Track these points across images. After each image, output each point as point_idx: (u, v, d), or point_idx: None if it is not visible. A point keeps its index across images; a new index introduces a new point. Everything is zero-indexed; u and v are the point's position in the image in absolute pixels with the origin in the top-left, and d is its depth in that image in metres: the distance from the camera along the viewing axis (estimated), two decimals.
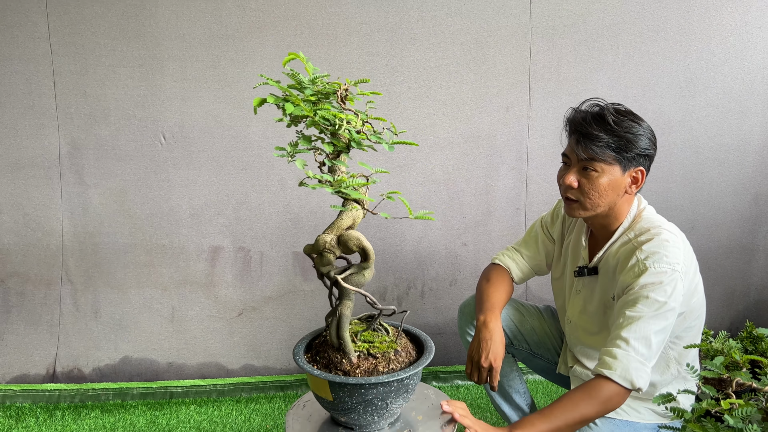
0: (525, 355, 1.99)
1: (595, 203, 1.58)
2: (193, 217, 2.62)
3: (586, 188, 1.57)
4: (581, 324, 1.77)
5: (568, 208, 1.65)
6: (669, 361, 1.67)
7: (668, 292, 1.47)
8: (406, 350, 1.45)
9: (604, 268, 1.67)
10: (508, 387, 1.94)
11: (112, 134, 2.54)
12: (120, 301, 2.65)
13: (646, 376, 1.45)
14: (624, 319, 1.48)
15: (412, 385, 1.40)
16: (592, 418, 1.45)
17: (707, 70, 2.65)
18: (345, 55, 2.55)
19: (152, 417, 2.55)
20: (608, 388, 1.44)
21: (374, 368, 1.36)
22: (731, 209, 2.77)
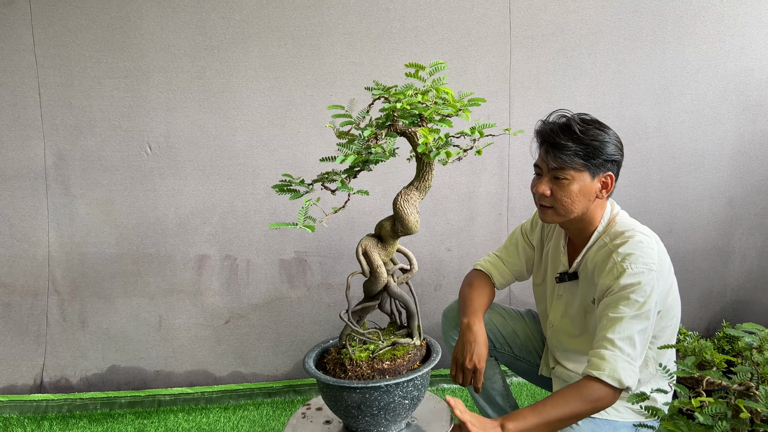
0: (507, 358, 2.03)
1: (568, 209, 1.64)
2: (179, 226, 2.64)
3: (558, 195, 1.63)
4: (563, 328, 1.82)
5: (542, 214, 1.70)
6: (648, 360, 1.72)
7: (647, 292, 1.53)
8: (412, 354, 1.46)
9: (584, 273, 1.72)
10: (491, 389, 1.98)
11: (98, 145, 2.56)
12: (107, 311, 2.66)
13: (635, 375, 1.50)
14: (607, 321, 1.54)
15: (423, 387, 1.43)
16: (582, 416, 1.49)
17: (682, 77, 2.73)
18: (329, 65, 2.59)
19: (140, 426, 2.56)
20: (598, 388, 1.48)
21: (386, 370, 1.38)
22: (707, 212, 2.84)
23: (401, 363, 1.39)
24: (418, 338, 1.46)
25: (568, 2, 2.64)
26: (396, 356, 1.40)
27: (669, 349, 1.76)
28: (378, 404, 1.35)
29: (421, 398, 1.42)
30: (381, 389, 1.34)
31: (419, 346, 1.46)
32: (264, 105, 2.59)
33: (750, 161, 2.80)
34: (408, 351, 1.42)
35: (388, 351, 1.42)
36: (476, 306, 1.78)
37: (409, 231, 1.39)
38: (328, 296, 2.75)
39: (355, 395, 1.35)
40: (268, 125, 2.61)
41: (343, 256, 2.71)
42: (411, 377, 1.35)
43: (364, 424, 1.40)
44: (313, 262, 2.71)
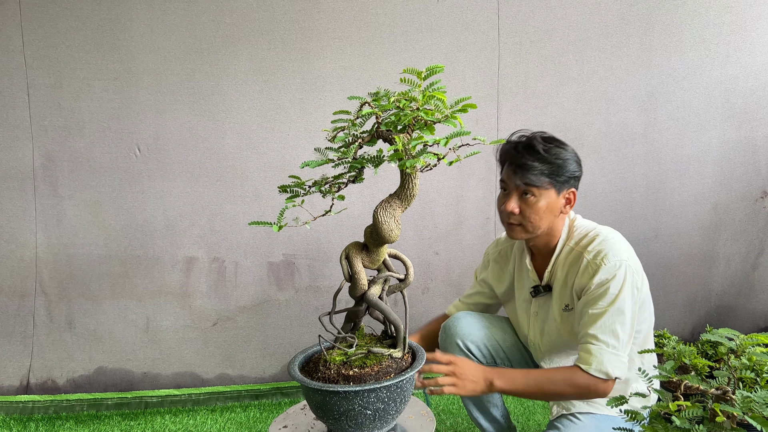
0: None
1: (536, 225, 1.68)
2: (167, 228, 2.64)
3: (526, 213, 1.67)
4: (544, 344, 1.86)
5: (510, 231, 1.74)
6: (633, 356, 1.75)
7: (622, 283, 1.58)
8: (397, 360, 1.46)
9: (556, 283, 1.77)
10: (486, 401, 1.99)
11: (87, 146, 2.56)
12: (94, 312, 2.66)
13: (621, 366, 1.56)
14: (588, 318, 1.59)
15: (408, 391, 1.42)
16: (567, 398, 1.55)
17: (668, 84, 2.76)
18: (318, 69, 2.60)
19: (127, 427, 2.56)
20: (585, 379, 1.54)
21: (369, 374, 1.38)
22: (692, 218, 2.87)
23: (368, 372, 1.38)
24: (400, 350, 1.46)
25: (556, 9, 2.66)
26: (365, 365, 1.41)
27: (649, 353, 1.78)
28: (338, 409, 1.35)
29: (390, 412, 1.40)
30: (339, 395, 1.34)
31: (399, 359, 1.45)
32: (253, 108, 2.60)
33: (734, 168, 2.84)
34: (380, 362, 1.42)
35: (360, 359, 1.43)
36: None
37: (383, 240, 1.39)
38: (315, 299, 2.76)
39: (316, 396, 1.37)
40: (258, 128, 2.62)
41: (331, 260, 2.72)
42: (368, 387, 1.34)
43: (330, 425, 1.41)
44: (302, 264, 2.72)
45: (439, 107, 1.35)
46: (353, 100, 1.35)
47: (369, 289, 1.45)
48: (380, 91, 1.40)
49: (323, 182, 1.45)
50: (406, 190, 1.40)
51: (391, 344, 1.50)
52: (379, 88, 1.42)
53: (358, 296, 1.46)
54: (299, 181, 1.46)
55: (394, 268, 1.53)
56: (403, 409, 1.45)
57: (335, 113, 1.40)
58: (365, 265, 1.46)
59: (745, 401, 1.25)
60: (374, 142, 1.39)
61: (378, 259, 1.47)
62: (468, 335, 1.92)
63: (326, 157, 1.37)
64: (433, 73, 1.38)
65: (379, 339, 1.54)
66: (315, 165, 1.35)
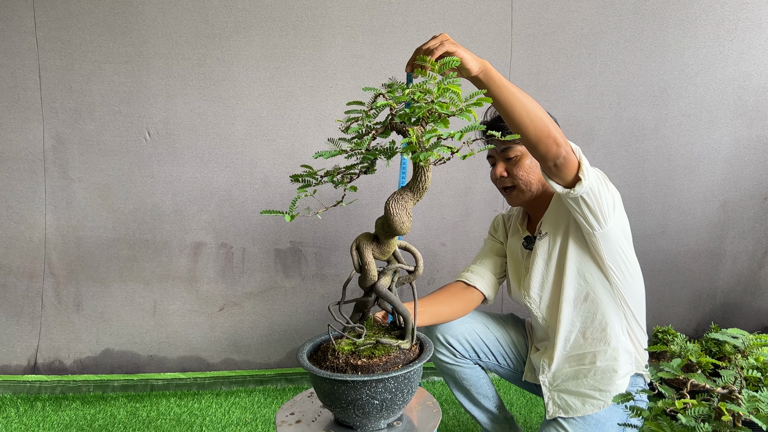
0: (492, 366, 2.05)
1: (526, 181, 1.77)
2: (176, 212, 2.65)
3: (514, 172, 1.77)
4: (545, 296, 1.84)
5: (508, 197, 1.83)
6: (633, 329, 1.79)
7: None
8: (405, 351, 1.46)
9: (547, 224, 1.80)
10: (476, 394, 1.99)
11: (97, 129, 2.56)
12: (102, 295, 2.68)
13: (590, 172, 1.56)
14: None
15: (415, 382, 1.43)
16: (534, 118, 1.50)
17: (680, 80, 2.74)
18: (330, 57, 2.59)
19: (132, 409, 2.59)
20: (560, 134, 1.52)
21: (377, 365, 1.38)
22: (700, 215, 2.86)
23: (377, 363, 1.39)
24: (408, 341, 1.46)
25: (570, 1, 2.64)
26: (374, 355, 1.41)
27: (639, 318, 1.81)
28: (345, 398, 1.36)
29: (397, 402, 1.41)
30: (347, 384, 1.35)
31: (406, 350, 1.46)
32: (264, 95, 2.60)
33: (745, 166, 2.83)
34: (388, 352, 1.43)
35: (368, 349, 1.43)
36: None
37: (394, 232, 1.39)
38: (322, 287, 2.77)
39: (324, 385, 1.37)
40: (268, 115, 2.61)
41: (339, 248, 2.73)
42: (377, 378, 1.35)
43: (337, 413, 1.43)
44: (309, 252, 2.73)
45: (453, 100, 1.34)
46: (368, 91, 1.34)
47: (379, 280, 1.46)
48: (394, 82, 1.40)
49: (335, 172, 1.45)
50: (419, 182, 1.40)
51: (399, 335, 1.51)
52: (393, 79, 1.41)
53: (367, 287, 1.47)
54: (311, 170, 1.46)
55: (403, 259, 1.53)
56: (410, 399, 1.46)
57: (349, 104, 1.40)
58: (375, 257, 1.47)
59: (751, 400, 1.25)
60: (388, 133, 1.39)
61: (388, 250, 1.48)
62: (448, 329, 1.93)
63: (339, 147, 1.37)
64: (448, 66, 1.37)
65: (388, 330, 1.55)
66: (328, 156, 1.35)
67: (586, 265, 1.76)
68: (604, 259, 1.72)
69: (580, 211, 1.64)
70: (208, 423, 2.48)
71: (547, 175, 1.61)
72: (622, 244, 1.73)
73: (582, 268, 1.76)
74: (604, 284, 1.76)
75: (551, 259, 1.80)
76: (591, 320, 1.79)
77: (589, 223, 1.65)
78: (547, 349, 1.90)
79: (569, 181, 1.59)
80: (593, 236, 1.68)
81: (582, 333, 1.81)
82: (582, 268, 1.76)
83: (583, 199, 1.60)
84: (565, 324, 1.81)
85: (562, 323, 1.81)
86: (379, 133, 1.38)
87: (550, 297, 1.84)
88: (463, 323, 1.96)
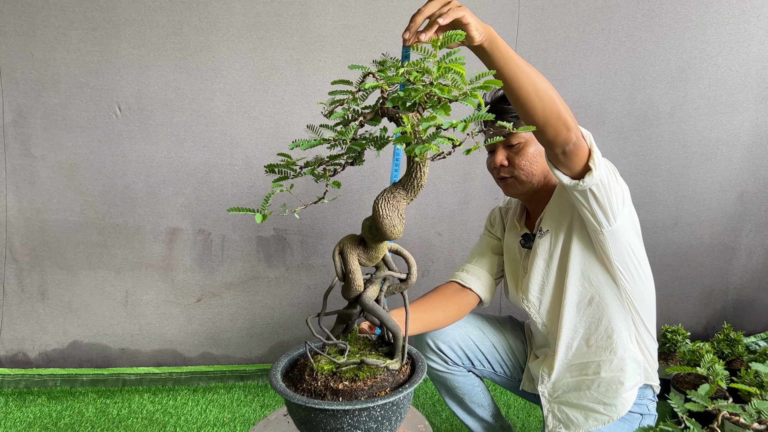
0: (487, 374, 1.89)
1: (528, 172, 1.59)
2: (149, 195, 2.44)
3: (515, 161, 1.58)
4: (550, 313, 1.67)
5: (505, 187, 1.65)
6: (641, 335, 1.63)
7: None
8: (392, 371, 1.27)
9: (548, 220, 1.63)
10: (470, 403, 1.85)
11: (62, 103, 2.34)
12: (69, 283, 2.48)
13: (602, 161, 1.39)
14: None
15: (405, 407, 1.24)
16: (542, 95, 1.31)
17: (701, 60, 2.52)
18: (318, 27, 2.36)
19: (102, 406, 2.41)
20: (570, 114, 1.33)
21: (361, 389, 1.19)
22: (716, 206, 2.67)
23: (361, 387, 1.19)
24: (398, 361, 1.26)
25: None
26: (357, 377, 1.21)
27: (648, 321, 1.66)
28: (324, 427, 1.17)
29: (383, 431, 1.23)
30: (326, 413, 1.15)
31: (396, 371, 1.25)
32: (245, 67, 2.37)
33: (765, 154, 2.62)
34: (374, 374, 1.22)
35: (351, 370, 1.23)
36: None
37: (383, 236, 1.18)
38: (308, 278, 2.57)
39: (300, 411, 1.18)
40: (250, 90, 2.39)
41: (326, 236, 2.53)
42: (360, 406, 1.15)
43: None
44: (294, 240, 2.53)
45: (456, 82, 1.12)
46: (355, 69, 1.13)
47: (365, 291, 1.25)
48: (387, 59, 1.18)
49: (317, 164, 1.23)
50: (413, 179, 1.19)
51: (387, 352, 1.31)
52: (386, 56, 1.20)
53: (352, 298, 1.27)
54: (289, 160, 1.24)
55: (394, 265, 1.33)
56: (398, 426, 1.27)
57: (334, 83, 1.18)
58: (361, 263, 1.26)
59: None
60: (378, 120, 1.17)
61: (377, 256, 1.27)
62: (439, 334, 1.77)
63: (320, 136, 1.16)
64: (452, 40, 1.15)
65: (375, 345, 1.35)
66: (306, 146, 1.14)
67: (591, 265, 1.58)
68: (611, 259, 1.54)
69: (587, 205, 1.45)
70: (183, 423, 2.30)
71: (553, 163, 1.43)
72: (632, 242, 1.55)
73: (587, 269, 1.59)
74: (611, 287, 1.59)
75: (552, 260, 1.63)
76: (596, 326, 1.62)
77: (596, 219, 1.46)
78: (547, 357, 1.74)
79: (577, 172, 1.40)
80: (600, 234, 1.50)
81: (585, 340, 1.64)
82: (587, 269, 1.59)
83: (592, 191, 1.41)
84: (566, 330, 1.64)
85: (564, 329, 1.64)
86: (368, 120, 1.17)
87: (550, 301, 1.67)
88: (456, 328, 1.79)
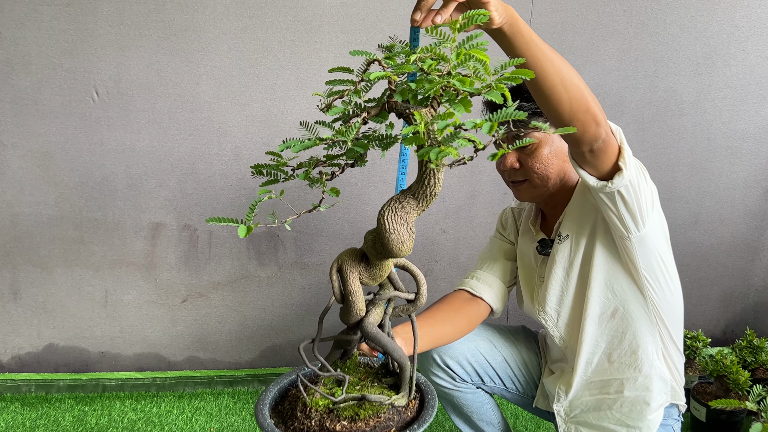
0: (498, 390, 1.73)
1: (543, 176, 1.43)
2: (130, 188, 2.25)
3: (529, 163, 1.43)
4: (569, 326, 1.52)
5: (517, 191, 1.50)
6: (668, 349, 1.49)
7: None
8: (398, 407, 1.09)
9: (567, 225, 1.48)
10: (479, 421, 1.71)
11: (34, 86, 2.14)
12: (44, 282, 2.30)
13: (633, 161, 1.26)
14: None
15: None
16: (567, 82, 1.14)
17: (729, 45, 2.33)
18: (315, 6, 2.15)
19: (80, 413, 2.25)
20: (598, 106, 1.19)
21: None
22: (739, 203, 2.50)
23: (362, 428, 1.01)
24: (404, 396, 1.08)
25: None
26: (358, 417, 1.03)
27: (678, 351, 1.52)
28: None
29: None
30: None
31: (402, 408, 1.07)
32: (235, 49, 2.17)
33: None
34: (378, 413, 1.04)
35: (351, 407, 1.05)
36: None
37: (389, 253, 1.00)
38: (302, 277, 2.40)
39: None
40: (239, 74, 2.19)
41: (322, 233, 2.35)
42: None
43: None
44: (287, 237, 2.35)
45: (478, 72, 0.93)
46: (357, 56, 0.94)
47: (367, 316, 1.07)
48: (395, 44, 0.99)
49: (311, 164, 1.05)
50: (425, 187, 1.01)
51: (392, 384, 1.14)
52: (394, 39, 1.01)
53: (352, 323, 1.09)
54: (280, 160, 1.06)
55: (401, 284, 1.15)
56: None
57: (332, 70, 0.99)
58: (363, 282, 1.08)
59: None
60: (385, 117, 0.99)
61: (381, 274, 1.09)
62: (447, 348, 1.62)
63: (316, 135, 0.97)
64: (473, 22, 0.96)
65: (378, 374, 1.18)
66: (299, 148, 0.95)
67: (615, 274, 1.43)
68: (638, 267, 1.39)
69: (614, 209, 1.29)
70: None
71: (578, 162, 1.27)
72: (660, 248, 1.40)
73: (611, 278, 1.44)
74: (637, 298, 1.44)
75: (573, 268, 1.47)
76: (619, 341, 1.47)
77: (624, 224, 1.31)
78: (564, 373, 1.58)
79: (605, 172, 1.25)
80: (627, 240, 1.34)
81: (607, 355, 1.49)
82: (611, 278, 1.44)
83: (621, 194, 1.26)
84: (587, 345, 1.49)
85: (585, 344, 1.48)
86: (372, 116, 0.98)
87: (570, 313, 1.51)
88: (466, 341, 1.64)
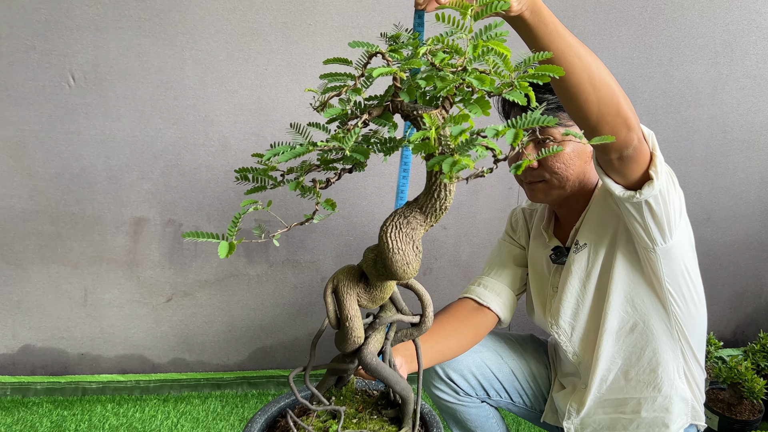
0: (504, 404, 1.62)
1: (562, 177, 1.31)
2: (110, 180, 2.11)
3: (549, 163, 1.30)
4: (583, 341, 1.41)
5: (531, 192, 1.38)
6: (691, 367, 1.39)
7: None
8: None
9: (585, 232, 1.38)
10: None
11: (5, 70, 1.98)
12: (18, 279, 2.16)
13: (664, 168, 1.16)
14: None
15: None
16: (594, 76, 1.02)
17: (749, 32, 2.19)
18: None
19: (59, 418, 2.13)
20: (630, 106, 1.07)
21: None
22: (755, 200, 2.38)
23: None
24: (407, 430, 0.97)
25: None
26: None
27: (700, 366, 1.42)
28: None
29: None
30: None
31: None
32: (222, 31, 2.01)
33: None
34: None
35: None
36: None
37: (392, 275, 0.87)
38: (294, 276, 2.27)
39: None
40: (227, 58, 2.04)
41: (315, 229, 2.22)
42: None
43: None
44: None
45: (498, 68, 0.80)
46: (357, 48, 0.80)
47: (366, 345, 0.95)
48: (401, 33, 0.85)
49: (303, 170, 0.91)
50: (435, 200, 0.87)
51: (394, 417, 1.02)
52: (399, 28, 0.87)
53: (349, 351, 0.96)
54: (268, 164, 0.93)
55: (405, 305, 1.03)
56: None
57: (327, 62, 0.85)
58: (362, 305, 0.95)
59: None
60: (389, 118, 0.85)
61: (382, 296, 0.96)
62: (450, 362, 1.52)
63: (309, 139, 0.84)
64: (492, 9, 0.82)
65: (377, 404, 1.05)
66: (289, 156, 0.82)
67: (637, 287, 1.32)
68: (662, 280, 1.27)
69: (639, 219, 1.18)
70: None
71: (604, 169, 1.14)
72: (687, 260, 1.29)
73: (631, 291, 1.33)
74: (659, 313, 1.33)
75: (590, 279, 1.36)
76: (637, 357, 1.36)
77: (650, 235, 1.20)
78: (576, 390, 1.48)
79: (634, 181, 1.13)
80: (652, 252, 1.23)
81: (624, 373, 1.39)
82: (631, 291, 1.33)
83: (648, 204, 1.14)
84: (603, 361, 1.38)
85: (600, 360, 1.38)
86: (373, 118, 0.84)
87: (585, 327, 1.41)
88: (471, 353, 1.53)
